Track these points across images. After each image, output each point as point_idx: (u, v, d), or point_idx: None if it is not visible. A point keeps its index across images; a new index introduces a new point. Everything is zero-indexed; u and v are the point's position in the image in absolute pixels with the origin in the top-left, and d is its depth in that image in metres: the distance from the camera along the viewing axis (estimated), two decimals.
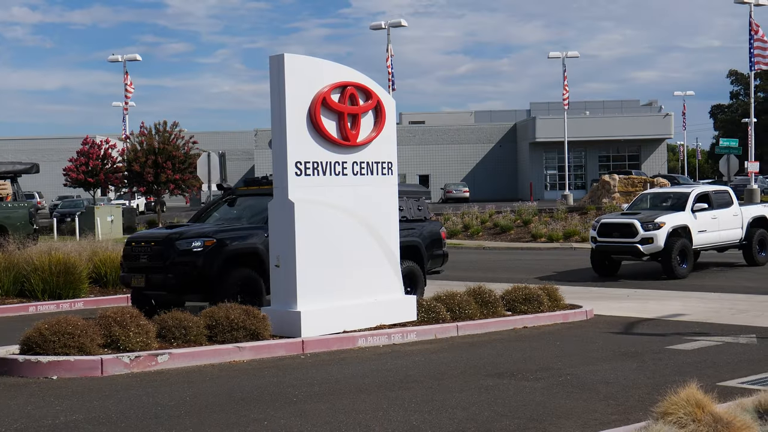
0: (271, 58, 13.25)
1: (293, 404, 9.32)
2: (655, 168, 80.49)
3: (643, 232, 22.28)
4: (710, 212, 23.58)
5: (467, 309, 14.70)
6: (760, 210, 25.51)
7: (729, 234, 24.23)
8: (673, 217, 22.80)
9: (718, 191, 24.71)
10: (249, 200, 16.87)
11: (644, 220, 22.53)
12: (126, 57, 53.56)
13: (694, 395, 7.21)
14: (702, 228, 23.26)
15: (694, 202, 23.41)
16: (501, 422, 8.48)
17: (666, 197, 24.61)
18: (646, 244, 22.19)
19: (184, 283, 15.03)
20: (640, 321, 15.46)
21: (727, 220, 24.09)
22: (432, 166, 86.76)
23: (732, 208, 24.42)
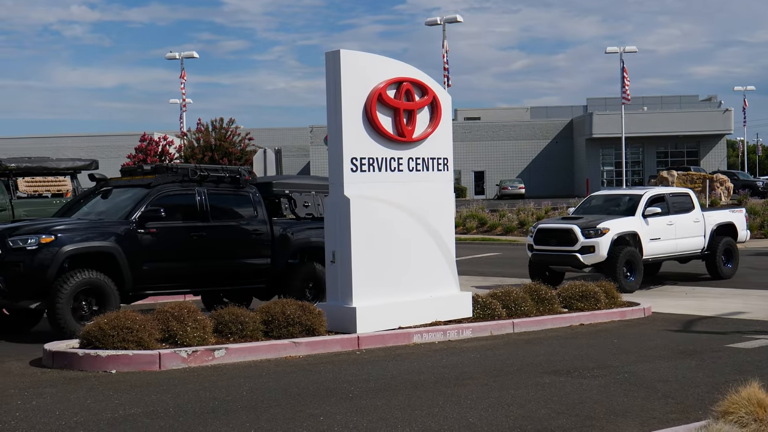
0: (327, 54, 13.28)
1: (349, 400, 9.34)
2: (715, 164, 79.34)
3: (584, 240, 19.45)
4: (665, 218, 20.60)
5: (523, 306, 14.62)
6: (726, 216, 22.38)
7: (688, 243, 21.12)
8: (620, 222, 19.88)
9: (676, 194, 21.71)
10: (123, 192, 15.05)
11: (585, 226, 19.68)
12: (183, 54, 54.09)
13: (755, 394, 7.10)
14: (655, 235, 20.31)
15: (646, 206, 20.41)
16: (558, 420, 8.42)
17: (617, 200, 21.67)
18: (587, 253, 19.38)
19: (14, 287, 13.14)
20: (699, 319, 15.26)
21: (686, 227, 21.03)
22: (487, 162, 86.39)
23: (692, 214, 21.32)
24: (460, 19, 47.14)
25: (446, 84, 46.14)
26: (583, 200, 23.02)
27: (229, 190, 15.42)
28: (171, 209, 14.45)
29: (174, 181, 14.87)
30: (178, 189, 14.83)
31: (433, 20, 47.64)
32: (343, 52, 13.09)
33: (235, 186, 15.48)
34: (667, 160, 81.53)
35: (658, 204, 20.62)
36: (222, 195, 15.28)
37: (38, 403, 9.27)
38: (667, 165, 76.18)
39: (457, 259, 14.79)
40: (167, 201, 14.51)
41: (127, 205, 14.40)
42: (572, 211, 22.73)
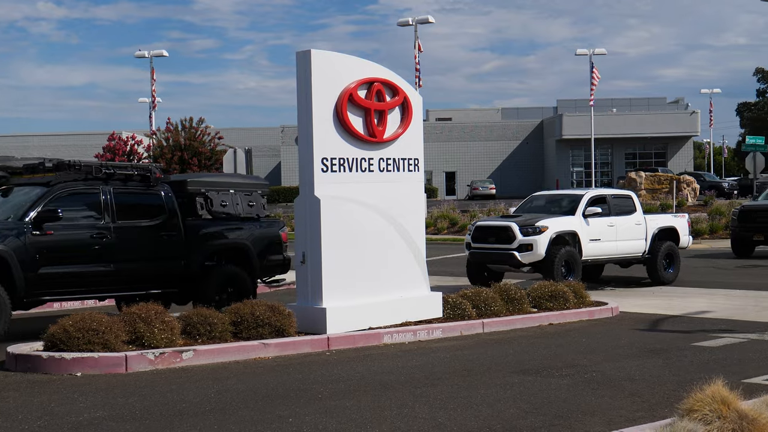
0: (298, 53, 13.27)
1: (318, 401, 9.34)
2: (681, 165, 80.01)
3: (522, 238, 18.93)
4: (607, 219, 20.13)
5: (493, 306, 14.68)
6: (669, 220, 21.84)
7: (629, 245, 20.57)
8: (559, 221, 19.45)
9: (618, 195, 21.29)
10: (22, 191, 14.21)
11: (523, 224, 19.23)
12: (152, 53, 53.85)
13: (719, 392, 7.17)
14: (595, 236, 19.83)
15: (587, 206, 19.93)
16: (527, 419, 8.47)
17: (559, 200, 21.17)
18: (525, 251, 18.89)
19: None
20: (666, 318, 15.39)
21: (627, 230, 20.50)
22: (458, 163, 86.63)
23: (634, 216, 20.80)
24: (431, 19, 47.27)
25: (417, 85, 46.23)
26: (525, 200, 22.56)
27: (139, 188, 14.54)
28: (71, 209, 13.70)
29: (77, 179, 14.04)
30: (80, 188, 13.96)
31: (405, 21, 47.75)
32: (314, 52, 13.08)
33: (145, 184, 14.61)
34: (636, 161, 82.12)
35: (599, 205, 20.19)
36: (130, 194, 14.42)
37: (0, 408, 9.19)
38: (636, 166, 76.73)
39: (427, 259, 14.82)
40: (67, 200, 13.70)
41: (23, 205, 13.56)
42: (513, 211, 22.21)
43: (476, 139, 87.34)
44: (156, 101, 55.65)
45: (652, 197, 47.69)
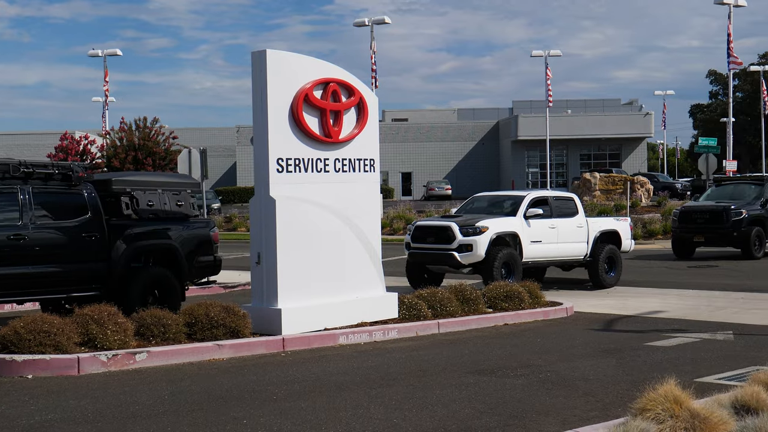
0: (253, 53, 13.21)
1: (273, 402, 9.29)
2: (635, 166, 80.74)
3: (462, 238, 18.66)
4: (548, 221, 19.90)
5: (449, 306, 14.71)
6: (611, 223, 21.64)
7: (571, 248, 20.31)
8: (500, 222, 19.19)
9: (560, 197, 21.10)
10: None
11: (464, 224, 18.96)
12: (106, 52, 53.32)
13: (671, 391, 7.24)
14: (536, 238, 19.57)
15: (528, 207, 19.71)
16: (481, 419, 8.48)
17: (500, 201, 21.01)
18: (465, 252, 18.60)
19: None
20: (620, 318, 15.52)
21: (569, 232, 20.23)
22: (415, 163, 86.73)
23: (576, 219, 20.55)
24: (387, 20, 47.32)
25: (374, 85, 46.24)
26: (467, 201, 22.27)
27: (60, 188, 13.96)
28: None
29: None
30: None
31: (361, 21, 47.76)
32: (269, 52, 13.02)
33: (66, 184, 14.02)
34: (590, 162, 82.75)
35: (541, 206, 19.96)
36: (50, 193, 13.82)
37: None
38: (590, 167, 77.31)
39: (383, 259, 14.82)
40: None
41: None
42: (455, 211, 21.84)
43: (432, 139, 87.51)
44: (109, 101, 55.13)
45: (607, 198, 48.10)
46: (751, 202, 27.99)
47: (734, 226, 27.13)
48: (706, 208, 28.30)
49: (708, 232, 27.64)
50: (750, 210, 27.49)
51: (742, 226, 27.10)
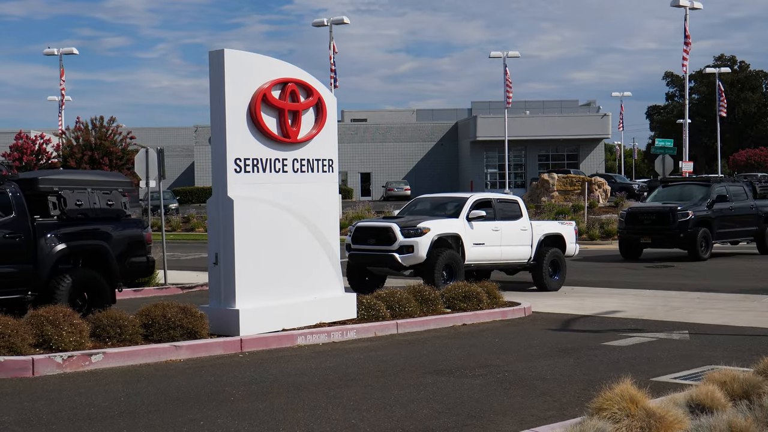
0: (211, 53, 13.13)
1: (231, 404, 9.23)
2: (593, 167, 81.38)
3: (403, 239, 18.30)
4: (492, 223, 19.60)
5: (407, 307, 14.71)
6: (555, 227, 21.46)
7: (515, 251, 20.02)
8: (441, 223, 18.89)
9: (504, 200, 20.81)
10: None
11: (405, 225, 18.62)
12: (62, 50, 52.77)
13: (628, 391, 7.29)
14: (479, 240, 19.26)
15: (471, 209, 19.39)
16: (439, 419, 8.49)
17: (444, 202, 20.68)
18: (406, 253, 18.23)
19: None
20: (577, 318, 15.62)
21: (512, 235, 19.93)
22: (374, 164, 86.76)
23: (520, 222, 20.26)
24: (346, 20, 47.29)
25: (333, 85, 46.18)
26: (410, 202, 21.86)
27: None
28: None
29: None
30: None
31: (320, 21, 47.70)
32: (227, 52, 12.95)
33: None
34: (549, 162, 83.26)
35: (485, 209, 19.63)
36: None
37: None
38: (549, 168, 77.76)
39: (342, 260, 14.79)
40: None
41: None
42: (398, 212, 21.65)
43: (391, 140, 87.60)
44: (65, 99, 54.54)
45: (565, 199, 48.45)
46: (698, 203, 27.96)
47: (681, 228, 27.11)
48: (653, 209, 28.28)
49: (655, 234, 27.63)
50: (696, 211, 27.47)
51: (689, 227, 27.08)
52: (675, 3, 43.96)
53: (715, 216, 27.88)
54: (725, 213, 28.29)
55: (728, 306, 16.88)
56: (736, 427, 6.82)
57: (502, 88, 60.95)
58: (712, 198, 28.22)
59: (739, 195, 29.38)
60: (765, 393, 7.79)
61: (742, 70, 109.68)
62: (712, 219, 27.76)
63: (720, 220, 28.04)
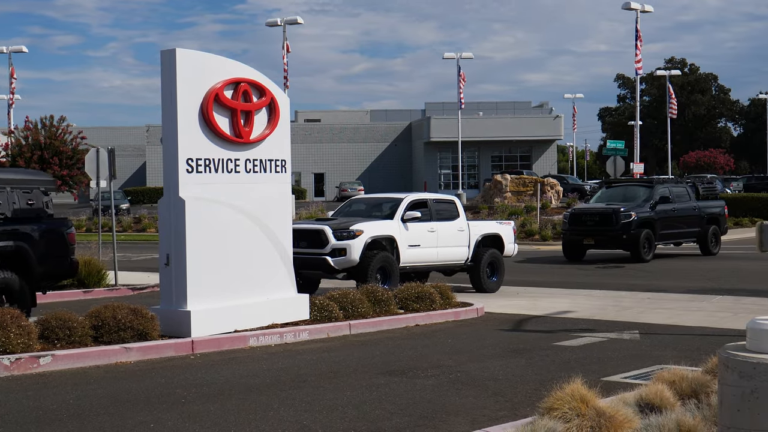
0: (163, 52, 13.04)
1: (181, 405, 9.16)
2: (546, 168, 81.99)
3: (335, 242, 17.89)
4: (427, 224, 19.28)
5: (360, 307, 14.70)
6: (493, 227, 21.09)
7: (451, 252, 19.73)
8: (375, 225, 18.55)
9: (440, 200, 20.46)
10: None
11: (337, 227, 18.23)
12: (11, 48, 52.07)
13: (578, 390, 7.34)
14: (414, 242, 18.96)
15: (406, 210, 19.03)
16: (392, 420, 8.49)
17: (378, 204, 20.31)
18: (338, 256, 17.86)
19: None
20: (530, 318, 15.71)
21: (449, 236, 19.64)
22: (327, 164, 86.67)
23: (457, 222, 19.98)
24: (300, 20, 47.16)
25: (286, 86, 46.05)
26: (344, 203, 21.44)
27: None
28: None
29: None
30: None
31: (274, 21, 47.53)
32: (179, 51, 12.86)
33: None
34: (502, 164, 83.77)
35: (420, 209, 19.27)
36: None
37: None
38: (502, 169, 78.23)
39: None
40: None
41: None
42: (332, 214, 21.31)
43: (345, 140, 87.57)
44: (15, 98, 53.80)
45: (518, 199, 48.72)
46: (641, 205, 27.92)
47: (623, 229, 26.99)
48: (596, 210, 28.18)
49: (598, 235, 27.49)
50: (639, 212, 27.42)
51: (632, 228, 26.99)
52: (626, 6, 44.42)
53: (658, 217, 27.85)
54: (668, 214, 28.29)
55: (678, 306, 17.09)
56: (685, 426, 6.89)
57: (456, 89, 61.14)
58: (655, 199, 28.16)
59: (682, 196, 29.41)
60: (713, 392, 7.88)
61: (693, 73, 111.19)
62: (655, 220, 27.72)
63: (663, 221, 28.00)
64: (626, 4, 44.37)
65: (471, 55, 62.35)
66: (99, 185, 22.22)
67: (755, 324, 5.92)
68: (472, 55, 62.86)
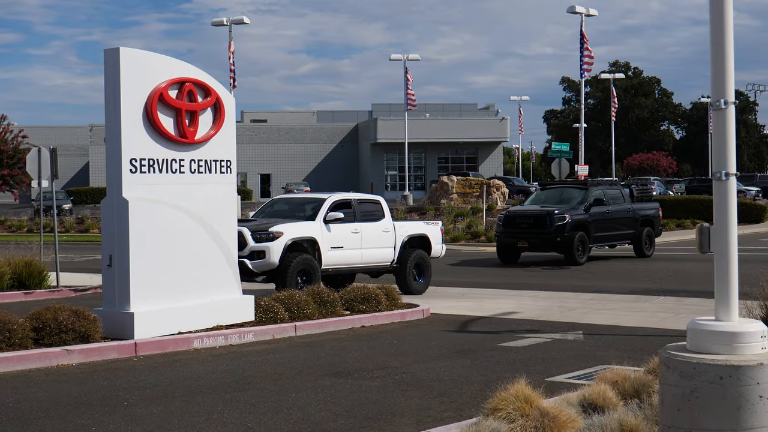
0: (106, 51, 12.89)
1: (124, 408, 9.05)
2: (492, 170, 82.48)
3: (254, 244, 17.37)
4: (351, 225, 18.86)
5: (306, 309, 14.65)
6: (420, 228, 20.72)
7: (376, 254, 19.32)
8: (296, 226, 18.09)
9: (365, 200, 19.96)
10: None
11: (256, 229, 17.69)
12: None
13: (522, 391, 7.38)
14: (337, 243, 18.53)
15: (329, 211, 18.57)
16: (336, 422, 8.47)
17: (301, 204, 19.79)
18: (257, 259, 17.34)
19: None
20: (475, 319, 15.77)
21: (374, 237, 19.18)
22: (274, 165, 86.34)
23: (382, 223, 19.54)
24: (246, 20, 46.92)
25: (232, 86, 45.76)
26: (266, 203, 21.04)
27: None
28: None
29: None
30: None
31: (220, 21, 47.22)
32: (122, 50, 12.72)
33: None
34: (448, 165, 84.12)
35: (344, 210, 18.82)
36: None
37: None
38: (448, 170, 78.54)
39: None
40: None
41: None
42: (252, 215, 20.82)
43: (292, 141, 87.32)
44: None
45: (464, 201, 48.92)
46: (575, 207, 27.55)
47: (557, 231, 26.55)
48: (530, 212, 27.74)
49: (532, 237, 27.07)
50: (573, 215, 27.01)
51: (566, 231, 26.55)
52: (571, 9, 44.81)
53: (592, 219, 27.52)
54: (602, 216, 28.00)
55: (621, 307, 17.28)
56: (627, 426, 6.96)
57: (403, 90, 61.24)
58: (589, 201, 27.83)
59: (617, 198, 29.21)
60: (655, 392, 7.97)
61: (636, 77, 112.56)
62: (589, 223, 27.36)
63: (597, 223, 27.68)
64: (571, 8, 44.77)
65: (418, 56, 62.45)
66: (41, 185, 21.86)
67: (695, 324, 6.01)
68: (419, 56, 62.97)
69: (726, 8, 6.12)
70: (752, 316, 10.30)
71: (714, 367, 5.64)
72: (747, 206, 45.15)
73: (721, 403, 5.61)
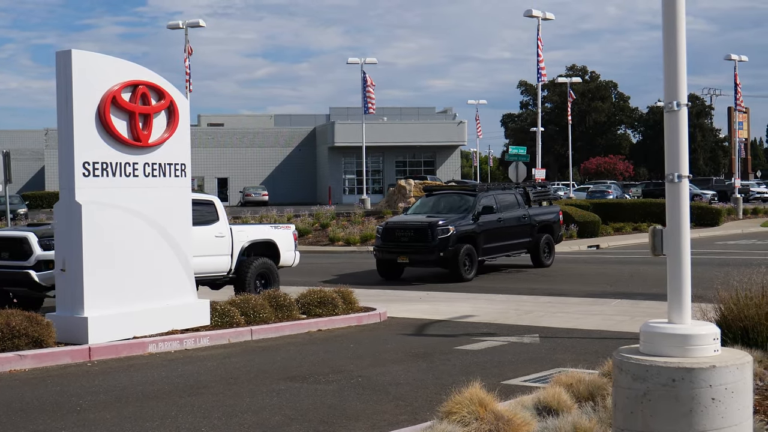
0: (58, 53, 12.77)
1: (77, 413, 8.95)
2: (450, 173, 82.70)
3: (41, 253, 15.29)
4: None
5: (262, 313, 14.58)
6: (264, 232, 18.64)
7: (207, 262, 16.79)
8: None
9: (195, 201, 15.92)
10: None
11: (44, 235, 15.66)
12: None
13: (477, 394, 7.39)
14: None
15: None
16: (291, 426, 8.43)
17: None
18: (45, 270, 15.11)
19: None
20: (432, 322, 15.78)
21: (204, 243, 16.57)
22: (231, 168, 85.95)
23: (215, 227, 17.34)
24: (202, 23, 46.68)
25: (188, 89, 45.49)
26: None
27: None
28: None
29: None
30: None
31: (175, 24, 46.95)
32: (74, 52, 12.60)
33: None
34: (406, 169, 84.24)
35: None
36: None
37: None
38: (406, 174, 78.71)
39: None
40: None
41: None
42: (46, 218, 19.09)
43: (249, 145, 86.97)
44: None
45: None
46: (463, 216, 24.09)
47: (441, 245, 22.97)
48: (410, 224, 23.98)
49: (412, 252, 23.40)
50: (459, 225, 23.53)
51: (450, 244, 23.02)
52: (528, 13, 45.10)
53: (481, 230, 24.13)
54: (493, 225, 24.70)
55: (578, 310, 17.36)
56: (581, 428, 6.99)
57: (360, 94, 61.23)
58: (478, 210, 24.39)
59: (511, 204, 25.90)
60: (609, 394, 8.02)
61: (593, 81, 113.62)
62: (478, 234, 23.97)
63: (487, 234, 24.34)
64: (528, 12, 45.06)
65: (375, 60, 62.47)
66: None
67: (648, 327, 6.04)
68: (377, 60, 63.02)
69: (678, 9, 6.18)
70: (707, 319, 10.38)
71: (666, 369, 5.67)
72: (703, 210, 45.51)
73: (673, 406, 5.64)
